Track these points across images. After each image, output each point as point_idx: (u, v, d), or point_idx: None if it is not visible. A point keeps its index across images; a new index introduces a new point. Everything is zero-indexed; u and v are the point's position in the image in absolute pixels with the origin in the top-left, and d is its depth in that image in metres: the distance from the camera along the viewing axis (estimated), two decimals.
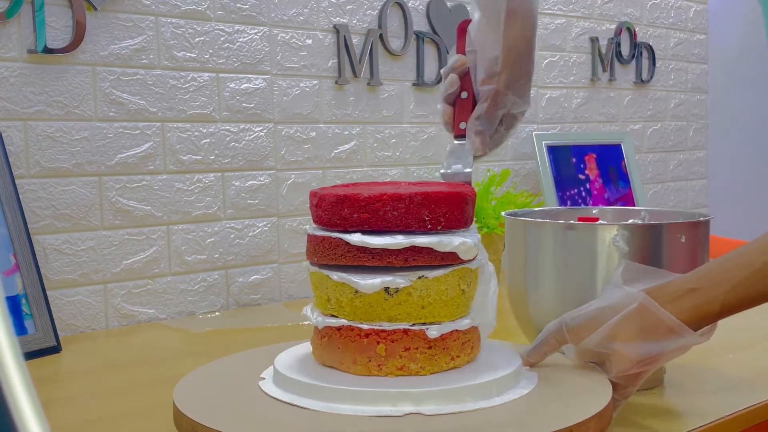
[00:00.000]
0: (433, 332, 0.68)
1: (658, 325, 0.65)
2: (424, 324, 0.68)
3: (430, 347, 0.68)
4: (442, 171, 0.79)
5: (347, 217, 0.68)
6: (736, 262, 0.65)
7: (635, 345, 0.66)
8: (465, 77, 0.79)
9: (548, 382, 0.70)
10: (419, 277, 0.68)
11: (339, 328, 0.69)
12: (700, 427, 0.73)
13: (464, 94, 0.79)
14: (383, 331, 0.68)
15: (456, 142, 0.80)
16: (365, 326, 0.68)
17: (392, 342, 0.68)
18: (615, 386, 0.69)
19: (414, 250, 0.67)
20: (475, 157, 0.79)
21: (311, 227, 0.73)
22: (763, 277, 0.64)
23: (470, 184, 0.77)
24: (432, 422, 0.61)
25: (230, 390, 0.70)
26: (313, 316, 0.72)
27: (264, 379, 0.72)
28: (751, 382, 0.87)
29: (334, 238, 0.69)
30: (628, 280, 0.70)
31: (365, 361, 0.68)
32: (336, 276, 0.69)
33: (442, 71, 0.81)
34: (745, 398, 0.80)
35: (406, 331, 0.68)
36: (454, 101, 0.80)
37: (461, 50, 0.80)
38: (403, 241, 0.67)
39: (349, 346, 0.69)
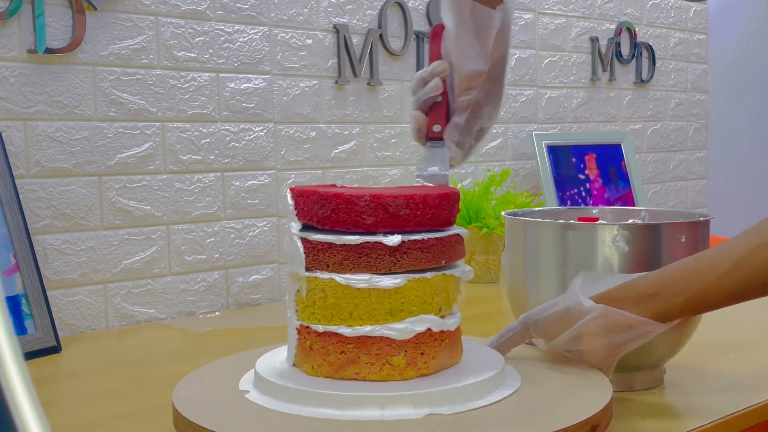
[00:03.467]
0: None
1: (620, 325, 0.70)
2: None
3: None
4: (418, 173, 0.79)
5: (455, 213, 0.72)
6: (694, 269, 0.69)
7: (601, 340, 0.71)
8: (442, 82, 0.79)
9: (535, 384, 0.70)
10: None
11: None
12: (700, 427, 0.73)
13: (439, 98, 0.79)
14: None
15: (430, 145, 0.79)
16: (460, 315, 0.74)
17: None
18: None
19: None
20: (450, 166, 0.80)
21: (401, 236, 0.67)
22: (717, 291, 0.68)
23: (447, 185, 0.78)
24: (421, 425, 0.61)
25: (230, 391, 0.69)
26: (446, 322, 0.70)
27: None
28: (751, 382, 0.87)
29: (457, 234, 0.71)
30: (587, 290, 0.73)
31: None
32: (458, 272, 0.71)
33: (418, 75, 0.80)
34: (745, 398, 0.80)
35: None
36: (427, 108, 0.80)
37: (437, 55, 0.79)
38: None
39: (459, 340, 0.73)
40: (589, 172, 1.86)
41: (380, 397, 0.63)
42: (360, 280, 0.66)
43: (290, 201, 0.71)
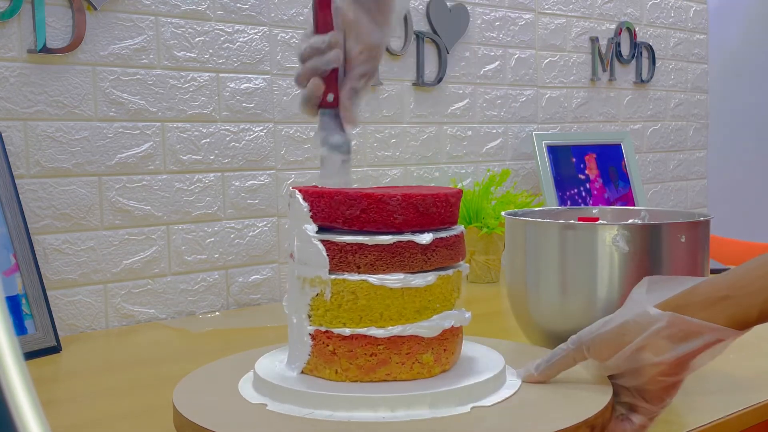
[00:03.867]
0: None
1: (689, 333, 0.62)
2: None
3: None
4: (321, 142, 0.77)
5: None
6: None
7: (664, 354, 0.63)
8: None
9: (534, 388, 0.70)
10: None
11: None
12: (700, 427, 0.73)
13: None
14: None
15: (322, 113, 0.78)
16: None
17: None
18: (638, 410, 0.67)
19: None
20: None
21: (430, 236, 0.67)
22: None
23: (350, 152, 0.77)
24: (412, 427, 0.61)
25: (230, 391, 0.69)
26: (464, 317, 0.72)
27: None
28: (751, 382, 0.87)
29: (462, 231, 0.73)
30: (651, 294, 0.67)
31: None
32: (463, 267, 0.73)
33: (312, 44, 0.78)
34: (745, 398, 0.80)
35: None
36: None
37: (328, 24, 0.79)
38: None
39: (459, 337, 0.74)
40: (589, 172, 1.86)
41: (429, 395, 0.63)
42: (394, 279, 0.66)
43: (303, 202, 0.68)
